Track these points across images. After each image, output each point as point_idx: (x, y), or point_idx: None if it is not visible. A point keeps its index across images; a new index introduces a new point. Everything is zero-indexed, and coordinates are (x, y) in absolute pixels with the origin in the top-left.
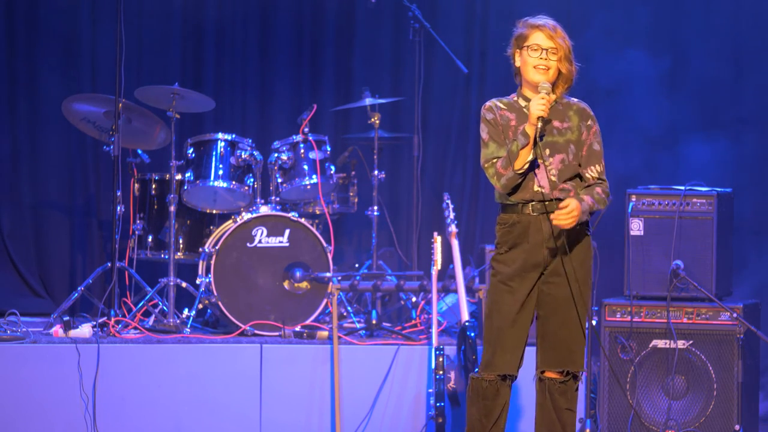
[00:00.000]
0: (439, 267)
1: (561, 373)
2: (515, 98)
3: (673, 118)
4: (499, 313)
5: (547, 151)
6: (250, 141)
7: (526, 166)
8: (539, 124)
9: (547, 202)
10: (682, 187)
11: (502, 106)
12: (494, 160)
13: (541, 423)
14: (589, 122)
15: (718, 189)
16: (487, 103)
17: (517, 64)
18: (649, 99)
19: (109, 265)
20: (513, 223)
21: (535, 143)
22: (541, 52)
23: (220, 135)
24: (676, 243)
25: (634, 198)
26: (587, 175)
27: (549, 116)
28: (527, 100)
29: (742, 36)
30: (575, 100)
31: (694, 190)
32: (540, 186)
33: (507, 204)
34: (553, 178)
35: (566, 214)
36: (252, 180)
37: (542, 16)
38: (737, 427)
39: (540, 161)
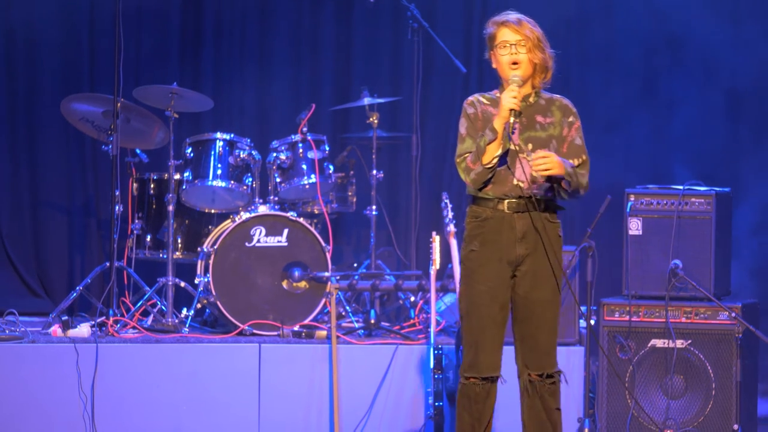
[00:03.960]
0: (438, 266)
1: (548, 374)
2: (497, 94)
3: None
4: (478, 314)
5: (530, 146)
6: (249, 140)
7: (495, 160)
8: (512, 119)
9: (522, 201)
10: (681, 187)
11: (484, 101)
12: (466, 155)
13: (531, 424)
14: (571, 118)
15: (717, 188)
16: (470, 98)
17: (494, 65)
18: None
19: (108, 264)
20: (486, 217)
21: (509, 138)
22: (509, 47)
23: (218, 134)
24: (675, 242)
25: (632, 197)
26: None
27: (530, 111)
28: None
29: None
30: (558, 96)
31: (693, 189)
32: (519, 180)
33: (481, 197)
34: (535, 174)
35: (543, 158)
36: (250, 179)
37: (508, 11)
38: (736, 426)
39: (521, 156)
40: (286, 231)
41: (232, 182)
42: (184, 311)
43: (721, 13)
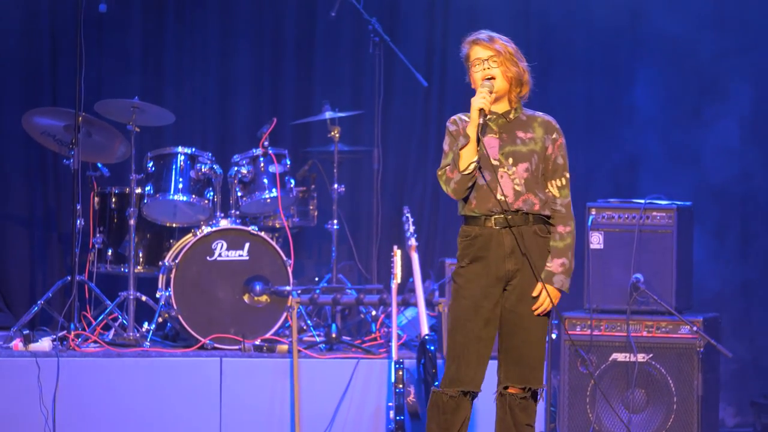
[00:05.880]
0: (399, 280)
1: (523, 389)
2: None
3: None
4: (463, 330)
5: (510, 160)
6: (210, 155)
7: (472, 166)
8: (481, 120)
9: (509, 216)
10: (642, 201)
11: (466, 118)
12: (446, 167)
13: None
14: (554, 135)
15: (678, 202)
16: (453, 117)
17: (473, 85)
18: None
19: (69, 278)
20: (475, 236)
21: (479, 141)
22: (482, 63)
23: (180, 149)
24: (637, 256)
25: (593, 211)
26: (548, 190)
27: (510, 127)
28: (489, 112)
29: None
30: (540, 113)
31: (654, 203)
32: (503, 195)
33: (470, 216)
34: (518, 188)
35: (548, 305)
36: (212, 193)
37: (481, 31)
38: None
39: (502, 170)
40: (247, 245)
41: (194, 196)
42: (146, 325)
43: (689, 17)
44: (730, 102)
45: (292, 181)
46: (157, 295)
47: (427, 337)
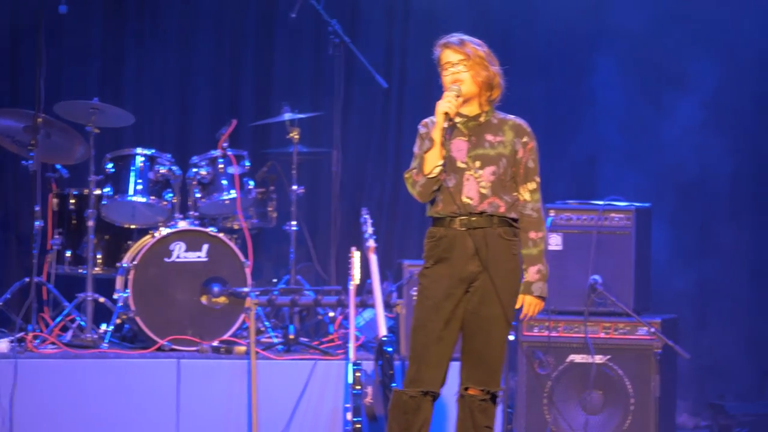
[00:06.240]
0: (357, 282)
1: (482, 391)
2: None
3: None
4: (424, 330)
5: (477, 163)
6: (170, 156)
7: (437, 169)
8: (446, 124)
9: (473, 218)
10: (601, 202)
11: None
12: (413, 170)
13: None
14: (525, 139)
15: (637, 204)
16: (424, 120)
17: (444, 88)
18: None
19: (27, 279)
20: (440, 237)
21: (448, 144)
22: (452, 66)
23: (139, 150)
24: (595, 258)
25: (552, 213)
26: (520, 194)
27: (480, 130)
28: (459, 115)
29: None
30: (512, 116)
31: (613, 205)
32: (468, 197)
33: (436, 217)
34: (484, 190)
35: (532, 313)
36: (171, 195)
37: (453, 34)
38: None
39: (469, 173)
40: (205, 246)
41: (153, 197)
42: (103, 327)
43: (648, 12)
44: (691, 96)
45: (251, 183)
46: (115, 297)
47: (384, 339)
